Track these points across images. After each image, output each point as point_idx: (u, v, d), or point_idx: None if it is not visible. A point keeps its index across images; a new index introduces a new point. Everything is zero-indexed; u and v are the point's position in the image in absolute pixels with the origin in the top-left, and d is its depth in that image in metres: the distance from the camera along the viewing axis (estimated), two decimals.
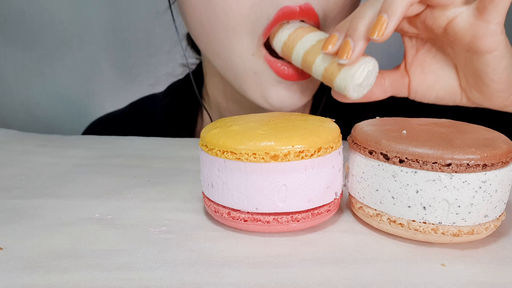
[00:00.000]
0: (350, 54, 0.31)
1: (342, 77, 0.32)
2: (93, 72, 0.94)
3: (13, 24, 0.90)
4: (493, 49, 0.30)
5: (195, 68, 0.58)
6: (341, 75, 0.32)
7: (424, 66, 0.35)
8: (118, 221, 0.29)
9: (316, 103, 0.54)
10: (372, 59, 0.32)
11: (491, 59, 0.31)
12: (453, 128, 0.27)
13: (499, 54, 0.30)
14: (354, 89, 0.33)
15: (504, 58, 0.31)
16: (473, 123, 0.29)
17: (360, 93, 0.34)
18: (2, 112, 0.93)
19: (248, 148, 0.24)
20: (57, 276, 0.22)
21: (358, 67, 0.32)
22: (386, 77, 0.36)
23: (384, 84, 0.36)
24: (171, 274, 0.23)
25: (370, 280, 0.22)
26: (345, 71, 0.32)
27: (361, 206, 0.28)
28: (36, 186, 0.35)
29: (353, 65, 0.32)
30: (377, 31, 0.29)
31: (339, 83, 0.33)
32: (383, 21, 0.29)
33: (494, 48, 0.30)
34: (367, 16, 0.30)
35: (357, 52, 0.31)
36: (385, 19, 0.29)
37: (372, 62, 0.32)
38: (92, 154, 0.43)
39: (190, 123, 0.57)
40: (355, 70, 0.32)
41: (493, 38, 0.30)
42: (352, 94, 0.33)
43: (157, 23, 0.84)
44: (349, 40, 0.31)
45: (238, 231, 0.27)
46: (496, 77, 0.32)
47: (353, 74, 0.32)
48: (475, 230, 0.24)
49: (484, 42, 0.30)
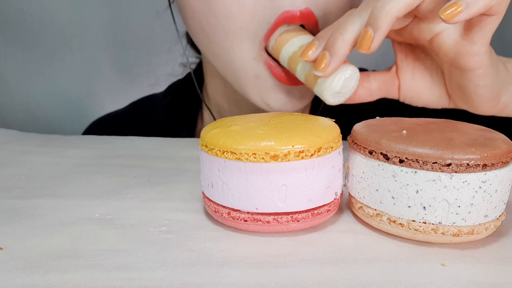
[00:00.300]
0: (325, 68, 0.31)
1: (318, 86, 0.33)
2: (93, 72, 0.94)
3: (13, 24, 0.90)
4: (475, 68, 0.30)
5: (195, 68, 0.58)
6: (318, 85, 0.33)
7: (413, 71, 0.36)
8: (118, 221, 0.29)
9: (315, 103, 0.54)
10: (349, 67, 0.32)
11: (474, 76, 0.31)
12: (453, 128, 0.27)
13: (482, 72, 0.31)
14: (332, 96, 0.33)
15: (486, 76, 0.31)
16: (473, 123, 0.29)
17: (341, 98, 0.34)
18: (2, 112, 0.93)
19: (248, 148, 0.24)
20: (57, 276, 0.22)
21: (333, 77, 0.32)
22: (373, 79, 0.36)
23: (370, 87, 0.36)
24: (171, 274, 0.23)
25: (370, 280, 0.22)
26: (321, 81, 0.32)
27: (361, 206, 0.28)
28: (36, 186, 0.35)
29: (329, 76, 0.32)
30: (363, 46, 0.29)
31: (316, 91, 0.33)
32: (369, 36, 0.29)
33: (476, 67, 0.30)
34: (348, 31, 0.30)
35: (332, 67, 0.31)
36: (370, 34, 0.29)
37: (349, 70, 0.32)
38: (92, 154, 0.43)
39: (190, 123, 0.57)
40: (330, 80, 0.32)
41: (477, 58, 0.30)
42: (332, 100, 0.33)
43: (157, 23, 0.84)
44: (326, 54, 0.31)
45: (238, 231, 0.27)
46: (479, 91, 0.32)
47: (328, 85, 0.32)
48: (475, 230, 0.24)
49: (467, 61, 0.30)
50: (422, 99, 0.36)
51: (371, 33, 0.29)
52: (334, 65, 0.31)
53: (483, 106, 0.33)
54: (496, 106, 0.34)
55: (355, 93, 0.35)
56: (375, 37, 0.28)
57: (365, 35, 0.29)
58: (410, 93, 0.36)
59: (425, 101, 0.36)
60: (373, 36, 0.28)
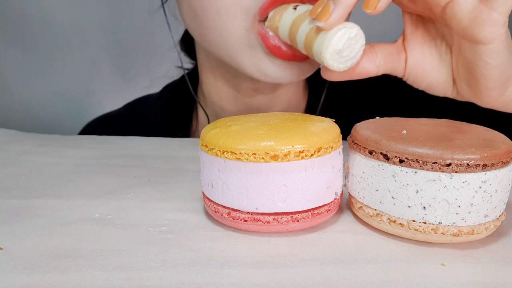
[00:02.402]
0: (327, 15, 0.29)
1: (318, 41, 0.30)
2: (93, 72, 0.95)
3: (13, 24, 0.90)
4: (489, 40, 0.28)
5: (191, 69, 0.58)
6: (318, 40, 0.30)
7: (422, 46, 0.33)
8: (118, 221, 0.29)
9: (315, 103, 0.54)
10: (355, 25, 0.30)
11: (485, 51, 0.29)
12: (453, 128, 0.27)
13: (495, 48, 0.28)
14: (332, 56, 0.30)
15: (499, 54, 0.29)
16: (473, 123, 0.29)
17: (342, 64, 0.31)
18: (2, 112, 0.93)
19: (248, 148, 0.24)
20: (57, 276, 0.22)
21: (336, 30, 0.29)
22: (379, 50, 0.33)
23: (375, 58, 0.33)
24: (171, 274, 0.23)
25: (370, 280, 0.22)
26: (323, 34, 0.30)
27: (361, 206, 0.28)
28: (36, 186, 0.35)
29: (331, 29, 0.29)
30: (370, 4, 0.27)
31: (316, 48, 0.30)
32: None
33: (490, 40, 0.28)
34: None
35: (336, 15, 0.29)
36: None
37: (354, 28, 0.30)
38: (92, 154, 0.43)
39: (185, 124, 0.57)
40: (332, 33, 0.29)
41: (492, 29, 0.27)
42: (331, 62, 0.30)
43: (157, 23, 0.84)
44: (330, 3, 0.29)
45: (238, 231, 0.27)
46: (487, 72, 0.30)
47: (329, 39, 0.29)
48: (475, 230, 0.24)
49: (482, 30, 0.28)
50: (426, 80, 0.34)
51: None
52: (338, 14, 0.28)
53: (487, 95, 0.31)
54: (501, 97, 0.32)
55: (360, 65, 0.33)
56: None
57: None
58: (416, 70, 0.34)
59: (429, 83, 0.34)
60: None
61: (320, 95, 0.52)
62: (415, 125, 0.28)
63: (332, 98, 0.53)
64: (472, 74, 0.31)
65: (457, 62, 0.32)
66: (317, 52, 0.30)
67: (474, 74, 0.31)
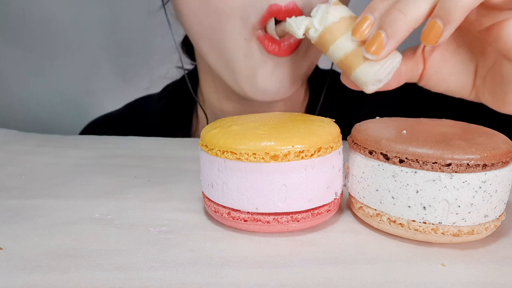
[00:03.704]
0: (379, 50, 0.28)
1: (364, 70, 0.29)
2: (92, 72, 0.95)
3: (13, 24, 0.90)
4: None
5: (191, 70, 0.58)
6: (363, 68, 0.29)
7: (444, 54, 0.33)
8: (118, 221, 0.29)
9: (314, 102, 0.54)
10: (399, 55, 0.30)
11: None
12: (454, 128, 0.27)
13: None
14: (373, 83, 0.30)
15: None
16: (473, 123, 0.29)
17: (376, 87, 0.31)
18: (2, 112, 0.93)
19: (248, 148, 0.24)
20: (57, 276, 0.22)
21: (383, 63, 0.29)
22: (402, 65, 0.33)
23: (400, 74, 0.33)
24: (171, 274, 0.23)
25: (370, 280, 0.22)
26: (369, 65, 0.29)
27: (361, 206, 0.28)
28: (36, 186, 0.35)
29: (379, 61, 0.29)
30: (430, 39, 0.26)
31: (358, 75, 0.30)
32: (437, 28, 0.26)
33: None
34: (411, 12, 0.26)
35: (388, 50, 0.28)
36: (439, 27, 0.26)
37: (398, 58, 0.30)
38: (92, 154, 0.43)
39: (185, 124, 0.57)
40: (379, 66, 0.29)
41: None
42: (370, 88, 0.31)
43: (157, 23, 0.84)
44: (383, 34, 0.27)
45: (238, 231, 0.27)
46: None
47: (376, 71, 0.29)
48: (475, 230, 0.24)
49: None
50: (443, 85, 0.33)
51: (441, 26, 0.26)
52: (390, 48, 0.28)
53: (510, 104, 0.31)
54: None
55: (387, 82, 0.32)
56: (445, 31, 0.26)
57: (432, 27, 0.26)
58: (434, 76, 0.33)
59: (446, 88, 0.34)
60: (442, 29, 0.26)
61: (320, 95, 0.52)
62: (415, 125, 0.28)
63: (332, 98, 0.53)
64: (502, 88, 0.30)
65: (484, 74, 0.32)
66: (359, 78, 0.30)
67: (505, 88, 0.30)
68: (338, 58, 0.31)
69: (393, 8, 0.27)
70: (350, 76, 0.31)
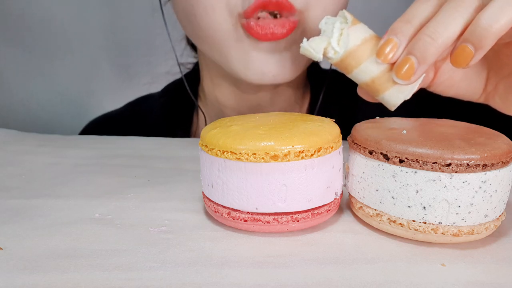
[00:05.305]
0: (410, 75, 0.27)
1: (393, 94, 0.30)
2: (93, 72, 0.94)
3: (13, 24, 0.90)
4: None
5: (191, 68, 0.59)
6: (392, 92, 0.29)
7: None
8: (118, 221, 0.29)
9: (314, 102, 0.54)
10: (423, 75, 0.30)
11: None
12: (454, 128, 0.27)
13: None
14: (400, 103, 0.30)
15: None
16: (473, 123, 0.29)
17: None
18: (2, 112, 0.93)
19: (248, 148, 0.24)
20: (57, 276, 0.22)
21: (413, 86, 0.29)
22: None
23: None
24: (171, 274, 0.23)
25: (370, 280, 0.22)
26: (398, 89, 0.29)
27: (361, 206, 0.28)
28: (36, 186, 0.35)
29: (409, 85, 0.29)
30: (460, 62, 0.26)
31: (387, 98, 0.30)
32: (468, 53, 0.26)
33: None
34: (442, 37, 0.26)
35: (419, 75, 0.28)
36: (470, 51, 0.25)
37: (422, 77, 0.29)
38: (92, 154, 0.43)
39: (186, 123, 0.57)
40: (410, 88, 0.29)
41: None
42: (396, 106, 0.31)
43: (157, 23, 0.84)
44: (413, 60, 0.27)
45: (238, 231, 0.27)
46: None
47: (406, 94, 0.29)
48: (475, 230, 0.24)
49: None
50: (454, 90, 0.33)
51: (472, 51, 0.26)
52: (421, 73, 0.28)
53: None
54: None
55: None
56: (476, 55, 0.26)
57: (463, 50, 0.26)
58: (444, 82, 0.33)
59: (456, 92, 0.34)
60: (473, 54, 0.26)
61: (319, 95, 0.52)
62: (415, 125, 0.28)
63: (332, 98, 0.53)
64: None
65: (498, 81, 0.32)
66: (388, 101, 0.30)
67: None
68: (363, 81, 0.30)
69: (422, 34, 0.27)
70: (377, 97, 0.31)
